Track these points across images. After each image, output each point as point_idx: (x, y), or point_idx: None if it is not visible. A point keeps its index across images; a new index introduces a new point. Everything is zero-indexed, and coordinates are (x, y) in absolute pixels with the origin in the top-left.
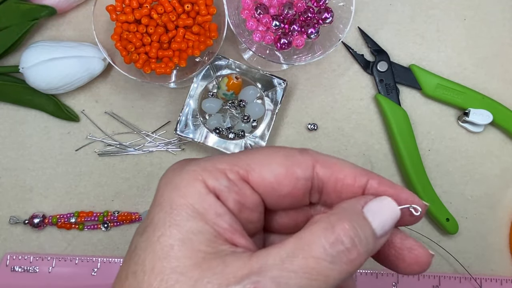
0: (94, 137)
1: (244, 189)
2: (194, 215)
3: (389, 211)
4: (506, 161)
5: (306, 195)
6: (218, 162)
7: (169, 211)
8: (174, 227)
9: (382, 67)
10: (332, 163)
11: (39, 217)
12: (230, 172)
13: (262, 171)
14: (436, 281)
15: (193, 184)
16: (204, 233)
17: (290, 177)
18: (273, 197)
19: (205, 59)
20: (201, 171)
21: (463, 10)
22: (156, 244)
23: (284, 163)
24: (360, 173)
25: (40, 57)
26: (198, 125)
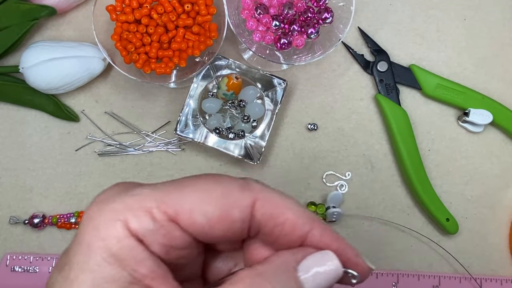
0: (94, 137)
1: (172, 231)
2: (110, 260)
3: (329, 271)
4: (506, 161)
5: (243, 234)
6: (146, 199)
7: (86, 253)
8: (89, 272)
9: (382, 67)
10: (274, 204)
11: (39, 217)
12: (158, 211)
13: (193, 213)
14: (436, 281)
15: (113, 225)
16: (119, 281)
17: (224, 220)
18: (205, 237)
19: (205, 59)
20: (124, 210)
21: (463, 10)
22: (68, 286)
23: (220, 204)
24: (303, 221)
25: (40, 57)
26: (198, 125)
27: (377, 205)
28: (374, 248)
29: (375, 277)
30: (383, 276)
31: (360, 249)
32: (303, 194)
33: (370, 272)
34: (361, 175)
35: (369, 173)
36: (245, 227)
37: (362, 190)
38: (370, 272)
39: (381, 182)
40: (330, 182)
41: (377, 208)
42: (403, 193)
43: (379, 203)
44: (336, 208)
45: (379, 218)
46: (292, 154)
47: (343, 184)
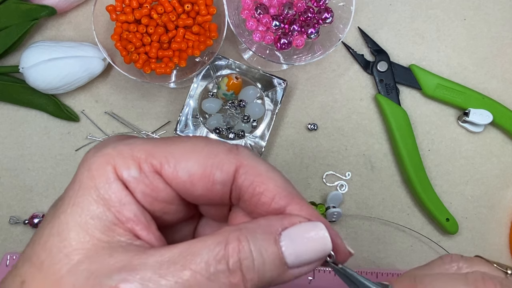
0: (94, 137)
1: (156, 182)
2: (98, 199)
3: (317, 244)
4: (506, 161)
5: (225, 198)
6: (137, 148)
7: (76, 190)
8: (76, 207)
9: (382, 67)
10: (256, 171)
11: (39, 217)
12: (145, 162)
13: (176, 167)
14: None
15: (104, 167)
16: (103, 220)
17: (206, 179)
18: (187, 195)
19: (205, 59)
20: (115, 156)
21: (463, 10)
22: (56, 220)
23: (203, 162)
24: (282, 194)
25: (40, 57)
26: (198, 125)
27: (377, 205)
28: (374, 248)
29: (375, 277)
30: (383, 276)
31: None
32: (303, 194)
33: (349, 256)
34: (361, 175)
35: (369, 173)
36: (226, 191)
37: (362, 190)
38: (350, 256)
39: (381, 182)
40: (330, 182)
41: (377, 208)
42: (403, 193)
43: (379, 203)
44: (336, 208)
45: (379, 218)
46: (292, 154)
47: (343, 184)
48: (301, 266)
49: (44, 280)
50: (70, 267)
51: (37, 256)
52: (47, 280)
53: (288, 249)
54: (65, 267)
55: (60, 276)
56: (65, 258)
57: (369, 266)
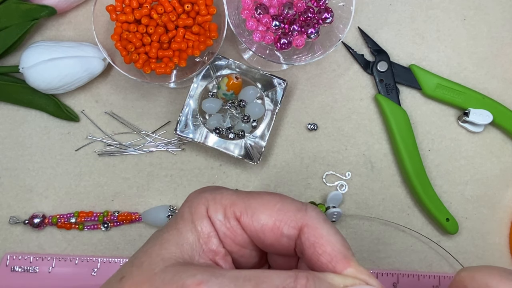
0: (94, 137)
1: (235, 227)
2: (193, 230)
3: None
4: (506, 161)
5: (291, 250)
6: (225, 197)
7: (179, 220)
8: (177, 231)
9: (382, 67)
10: (319, 234)
11: (39, 217)
12: (229, 209)
13: (253, 217)
14: (436, 281)
15: (200, 207)
16: (193, 248)
17: (275, 231)
18: (259, 243)
19: (205, 59)
20: (209, 199)
21: (463, 10)
22: (160, 237)
23: (275, 216)
24: (339, 258)
25: (40, 57)
26: (198, 125)
27: (377, 205)
28: (374, 248)
29: (375, 277)
30: (383, 276)
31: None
32: (303, 194)
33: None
34: (361, 175)
35: (369, 173)
36: (292, 244)
37: (362, 190)
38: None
39: (381, 182)
40: (330, 182)
41: (377, 208)
42: (403, 193)
43: (379, 203)
44: (336, 208)
45: (379, 218)
46: (292, 154)
47: (343, 184)
48: None
49: (140, 276)
50: (163, 267)
51: (139, 259)
52: (143, 275)
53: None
54: (159, 267)
55: (154, 273)
56: (161, 262)
57: (369, 266)
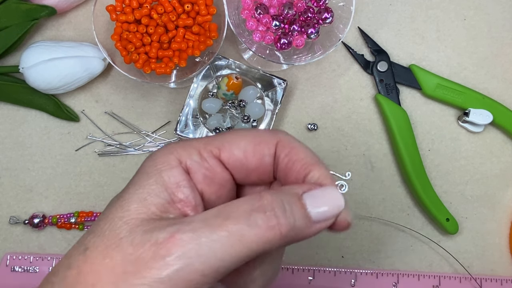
0: (94, 137)
1: (214, 165)
2: (158, 181)
3: (332, 201)
4: (506, 161)
5: (271, 171)
6: (195, 141)
7: (140, 176)
8: (137, 187)
9: (382, 67)
10: (292, 145)
11: (39, 217)
12: (204, 150)
13: (232, 148)
14: (436, 281)
15: (166, 156)
16: (160, 198)
17: (257, 153)
18: (242, 172)
19: (205, 59)
20: (177, 148)
21: (463, 10)
22: (120, 198)
23: (251, 140)
24: (310, 160)
25: (40, 57)
26: (198, 125)
27: (377, 205)
28: (374, 248)
29: (375, 277)
30: (383, 276)
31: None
32: None
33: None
34: (361, 175)
35: (369, 173)
36: (272, 163)
37: (362, 190)
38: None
39: (381, 182)
40: None
41: (377, 208)
42: (403, 193)
43: (379, 203)
44: None
45: (379, 218)
46: None
47: (343, 184)
48: (321, 222)
49: (106, 244)
50: (128, 229)
51: (100, 227)
52: (108, 243)
53: (310, 205)
54: (124, 231)
55: (120, 238)
56: (124, 225)
57: (369, 266)
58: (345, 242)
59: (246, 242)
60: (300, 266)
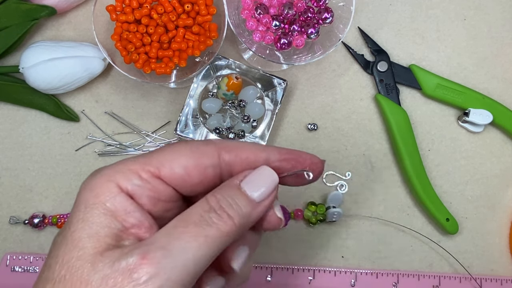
0: (94, 137)
1: (157, 185)
2: (105, 212)
3: (266, 178)
4: (506, 161)
5: (217, 180)
6: (131, 163)
7: (83, 210)
8: (85, 223)
9: (382, 67)
10: (234, 147)
11: (39, 217)
12: (142, 171)
13: (172, 166)
14: (436, 281)
15: (106, 185)
16: (112, 228)
17: (199, 167)
18: (186, 187)
19: (205, 59)
20: (114, 174)
21: (463, 10)
22: (69, 238)
23: (191, 155)
24: (260, 149)
25: (40, 57)
26: (198, 125)
27: (377, 205)
28: (374, 248)
29: (375, 277)
30: (383, 276)
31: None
32: (303, 194)
33: (322, 164)
34: (361, 175)
35: (369, 173)
36: (217, 172)
37: (362, 190)
38: (322, 163)
39: (381, 182)
40: (330, 182)
41: (377, 208)
42: (403, 193)
43: (379, 203)
44: (336, 208)
45: (379, 218)
46: None
47: (343, 184)
48: (264, 200)
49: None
50: (91, 267)
51: (56, 273)
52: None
53: (249, 190)
54: (86, 269)
55: (84, 278)
56: (85, 263)
57: (369, 266)
58: (345, 242)
59: (211, 239)
60: (300, 266)
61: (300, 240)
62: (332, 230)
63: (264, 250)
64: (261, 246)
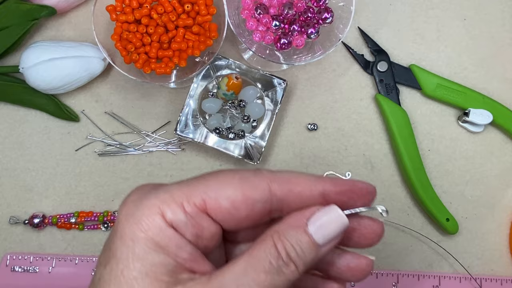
0: (94, 137)
1: (201, 221)
2: (156, 248)
3: (333, 221)
4: (506, 161)
5: (265, 215)
6: (176, 193)
7: (131, 245)
8: (137, 261)
9: (382, 67)
10: (287, 179)
11: (39, 217)
12: (187, 204)
13: (218, 198)
14: (436, 281)
15: (153, 218)
16: (166, 265)
17: (247, 201)
18: (232, 222)
19: (205, 59)
20: (160, 204)
21: (463, 10)
22: (120, 277)
23: (240, 187)
24: (315, 181)
25: (40, 57)
26: (198, 125)
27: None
28: (374, 248)
29: (375, 277)
30: (383, 276)
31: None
32: None
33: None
34: (361, 175)
35: (369, 173)
36: (267, 208)
37: None
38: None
39: (381, 182)
40: None
41: None
42: (403, 193)
43: (379, 203)
44: None
45: (379, 218)
46: (292, 154)
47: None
48: (328, 243)
49: None
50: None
51: None
52: None
53: (317, 234)
54: None
55: None
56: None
57: None
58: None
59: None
60: None
61: None
62: None
63: None
64: None
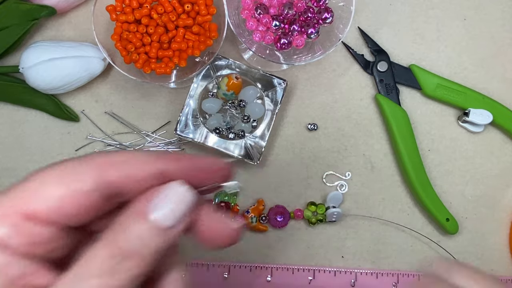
0: (94, 137)
1: (29, 228)
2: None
3: (177, 199)
4: (506, 161)
5: (111, 202)
6: None
7: None
8: None
9: (382, 67)
10: (120, 161)
11: None
12: (14, 214)
13: (40, 200)
14: None
15: None
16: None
17: (76, 195)
18: (72, 217)
19: (205, 59)
20: None
21: (463, 10)
22: None
23: (60, 182)
24: (153, 160)
25: (40, 57)
26: (198, 125)
27: (377, 205)
28: (374, 248)
29: (375, 277)
30: (383, 276)
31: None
32: (303, 194)
33: (229, 166)
34: (361, 175)
35: (369, 173)
36: (106, 194)
37: (362, 190)
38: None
39: (381, 182)
40: (330, 182)
41: (377, 208)
42: (403, 193)
43: (379, 203)
44: (336, 208)
45: (379, 218)
46: (292, 154)
47: (343, 184)
48: (179, 222)
49: None
50: None
51: None
52: None
53: (161, 216)
54: None
55: None
56: None
57: (369, 266)
58: (345, 242)
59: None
60: (300, 266)
61: (300, 240)
62: (332, 230)
63: (264, 250)
64: (261, 246)
